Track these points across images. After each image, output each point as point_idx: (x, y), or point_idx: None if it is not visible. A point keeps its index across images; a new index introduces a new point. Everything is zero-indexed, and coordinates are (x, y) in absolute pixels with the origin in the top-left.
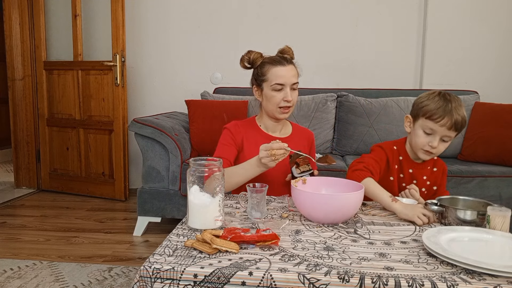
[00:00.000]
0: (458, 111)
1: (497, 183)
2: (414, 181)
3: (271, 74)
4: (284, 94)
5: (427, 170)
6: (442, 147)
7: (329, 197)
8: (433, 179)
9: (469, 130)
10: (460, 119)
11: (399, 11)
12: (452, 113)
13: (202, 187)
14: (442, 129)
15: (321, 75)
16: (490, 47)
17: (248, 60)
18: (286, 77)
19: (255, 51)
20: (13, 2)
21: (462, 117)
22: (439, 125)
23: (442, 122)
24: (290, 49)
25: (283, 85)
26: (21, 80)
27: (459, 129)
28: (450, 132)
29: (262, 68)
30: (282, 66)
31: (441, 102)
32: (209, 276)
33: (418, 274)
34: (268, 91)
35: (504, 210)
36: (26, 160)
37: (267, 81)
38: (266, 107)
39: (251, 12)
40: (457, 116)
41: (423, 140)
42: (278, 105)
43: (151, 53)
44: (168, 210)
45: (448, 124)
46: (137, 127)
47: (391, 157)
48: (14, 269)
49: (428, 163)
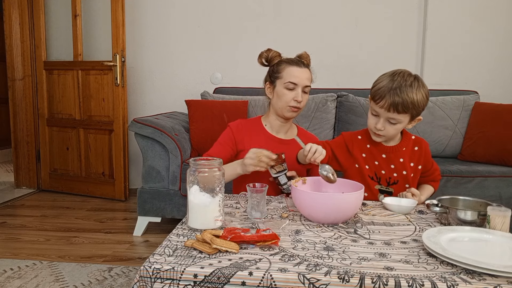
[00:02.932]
0: (401, 92)
1: (497, 183)
2: (391, 166)
3: (286, 72)
4: (295, 94)
5: (402, 152)
6: (391, 129)
7: (329, 197)
8: (415, 159)
9: (469, 130)
10: (401, 101)
11: (399, 11)
12: (391, 94)
13: (202, 187)
14: (382, 110)
15: (321, 75)
16: (490, 47)
17: (266, 57)
18: (300, 78)
19: (275, 50)
20: (13, 2)
21: (405, 99)
22: (379, 106)
23: (381, 104)
24: (308, 56)
25: (296, 84)
26: (21, 80)
27: (402, 111)
28: (391, 114)
29: (278, 66)
30: (298, 67)
31: (384, 83)
32: (209, 276)
33: (418, 274)
34: (280, 88)
35: (504, 210)
36: (26, 160)
37: (281, 79)
38: (275, 105)
39: (251, 12)
40: (396, 98)
41: (371, 121)
42: (288, 104)
43: (151, 53)
44: (168, 210)
45: (385, 106)
46: (137, 127)
47: (351, 145)
48: (14, 269)
49: (402, 144)
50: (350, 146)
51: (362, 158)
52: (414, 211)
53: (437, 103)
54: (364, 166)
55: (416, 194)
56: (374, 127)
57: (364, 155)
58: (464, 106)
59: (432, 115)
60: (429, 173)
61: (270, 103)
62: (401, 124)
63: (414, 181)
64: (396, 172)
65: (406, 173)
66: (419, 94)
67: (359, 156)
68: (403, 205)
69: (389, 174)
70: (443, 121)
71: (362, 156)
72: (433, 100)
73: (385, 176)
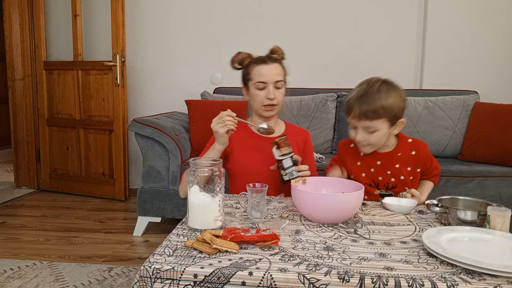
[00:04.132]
0: (367, 98)
1: (497, 183)
2: (388, 172)
3: (254, 72)
4: (266, 92)
5: (397, 158)
6: (371, 138)
7: (329, 197)
8: (412, 163)
9: (469, 130)
10: (369, 107)
11: (399, 11)
12: (359, 103)
13: (202, 187)
14: (355, 121)
15: (321, 75)
16: (490, 47)
17: (237, 61)
18: (268, 75)
19: (244, 52)
20: (13, 2)
21: (373, 104)
22: (351, 118)
23: (352, 115)
24: (280, 49)
25: (265, 83)
26: (21, 80)
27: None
28: (365, 123)
29: (248, 67)
30: (264, 65)
31: (352, 94)
32: (209, 276)
33: (418, 274)
34: (253, 89)
35: (504, 210)
36: (26, 160)
37: (251, 80)
38: (253, 106)
39: (251, 12)
40: (364, 106)
41: (351, 135)
42: (262, 103)
43: (151, 53)
44: (168, 210)
45: (356, 115)
46: (137, 127)
47: (344, 157)
48: (14, 269)
49: (398, 149)
50: (343, 157)
51: (357, 167)
52: (414, 211)
53: (437, 103)
54: (360, 175)
55: (416, 195)
56: (355, 139)
57: (359, 163)
58: (464, 106)
59: (432, 115)
60: (429, 171)
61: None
62: (380, 131)
63: (414, 183)
64: (394, 177)
65: (404, 178)
66: (390, 98)
67: (354, 166)
68: (403, 205)
69: (387, 180)
70: (443, 121)
71: (357, 165)
72: (433, 100)
73: (383, 181)
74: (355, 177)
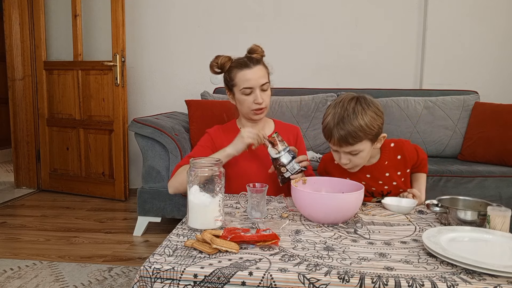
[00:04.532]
0: (344, 124)
1: (497, 183)
2: (379, 182)
3: (239, 78)
4: (254, 97)
5: (385, 166)
6: (356, 159)
7: (329, 197)
8: (401, 167)
9: (469, 130)
10: (348, 133)
11: (399, 11)
12: (336, 130)
13: (202, 187)
14: (336, 147)
15: (321, 75)
16: (490, 47)
17: (217, 66)
18: (254, 79)
19: (223, 55)
20: (13, 2)
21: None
22: (331, 144)
23: (332, 142)
24: (259, 47)
25: (251, 88)
26: (21, 80)
27: (354, 142)
28: (346, 148)
29: (230, 72)
30: (248, 69)
31: (328, 119)
32: (209, 276)
33: (418, 274)
34: (239, 95)
35: (504, 210)
36: (26, 160)
37: (236, 86)
38: (241, 111)
39: (251, 12)
40: (342, 132)
41: (335, 157)
42: (250, 108)
43: (151, 53)
44: (168, 210)
45: (336, 142)
46: (137, 127)
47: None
48: (14, 269)
49: (383, 158)
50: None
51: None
52: (414, 211)
53: (437, 103)
54: None
55: (417, 195)
56: (339, 162)
57: (349, 178)
58: (464, 106)
59: (432, 115)
60: (417, 164)
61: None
62: (364, 151)
63: (406, 183)
64: (387, 185)
65: (397, 183)
66: (366, 117)
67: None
68: (403, 205)
69: (380, 188)
70: (443, 121)
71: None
72: (433, 100)
73: (376, 191)
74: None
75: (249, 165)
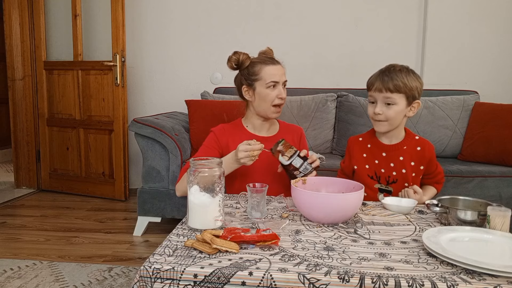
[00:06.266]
0: (389, 73)
1: (497, 183)
2: (391, 164)
3: (265, 72)
4: (278, 91)
5: (402, 150)
6: (389, 111)
7: (329, 197)
8: (417, 158)
9: (469, 130)
10: (391, 80)
11: (399, 11)
12: (381, 77)
13: (202, 187)
14: (376, 93)
15: (321, 75)
16: (490, 47)
17: (236, 61)
18: (279, 75)
19: (243, 52)
20: (13, 2)
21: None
22: (374, 90)
23: (375, 87)
24: (271, 51)
25: (277, 82)
26: (21, 80)
27: (394, 90)
28: (385, 94)
29: (253, 67)
30: (273, 65)
31: (376, 73)
32: (209, 276)
33: (418, 274)
34: (262, 89)
35: (504, 210)
36: (26, 160)
37: (261, 80)
38: (258, 107)
39: (251, 12)
40: (386, 78)
41: (370, 109)
42: (272, 103)
43: (151, 53)
44: (168, 210)
45: (377, 88)
46: (137, 127)
47: (352, 148)
48: (14, 269)
49: (404, 142)
50: (351, 149)
51: (362, 158)
52: (414, 211)
53: (437, 103)
54: (364, 166)
55: (418, 192)
56: (373, 112)
57: (365, 155)
58: (464, 106)
59: (432, 115)
60: (433, 175)
61: (248, 105)
62: (398, 106)
63: (415, 181)
64: (395, 171)
65: (406, 172)
66: (410, 78)
67: (359, 157)
68: (403, 205)
69: (388, 173)
70: (443, 121)
71: (363, 156)
72: (433, 100)
73: (384, 175)
74: (359, 167)
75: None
